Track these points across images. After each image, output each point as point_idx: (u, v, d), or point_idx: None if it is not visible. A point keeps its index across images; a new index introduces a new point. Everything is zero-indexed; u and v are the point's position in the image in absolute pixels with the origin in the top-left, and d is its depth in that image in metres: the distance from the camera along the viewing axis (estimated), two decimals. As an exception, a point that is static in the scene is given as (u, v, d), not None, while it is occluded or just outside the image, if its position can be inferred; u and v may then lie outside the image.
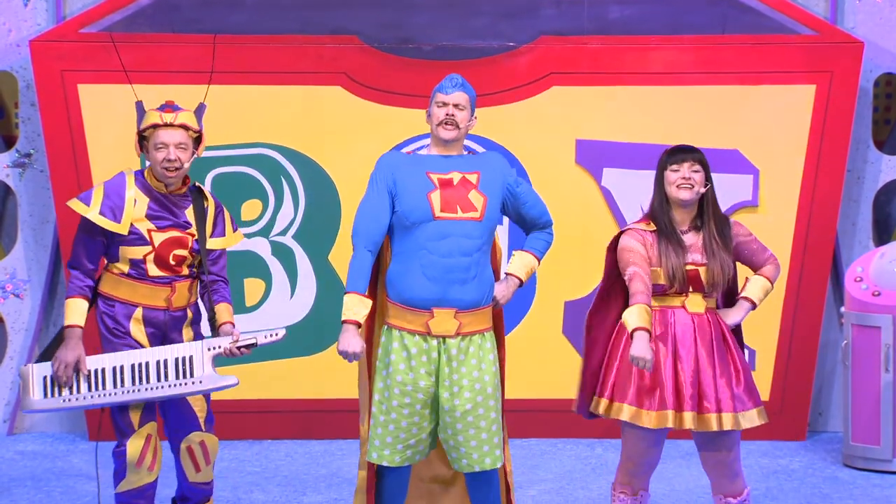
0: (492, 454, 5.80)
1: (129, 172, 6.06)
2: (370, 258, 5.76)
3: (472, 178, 5.84)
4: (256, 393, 8.61)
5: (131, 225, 5.94)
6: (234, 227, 6.23)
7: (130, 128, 6.12)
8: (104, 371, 5.92)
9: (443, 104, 5.83)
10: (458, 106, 5.82)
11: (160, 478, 6.13)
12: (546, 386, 8.73)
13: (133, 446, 5.96)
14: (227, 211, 6.21)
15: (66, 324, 5.95)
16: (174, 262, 6.01)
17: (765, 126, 8.72)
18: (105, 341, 6.01)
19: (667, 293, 5.90)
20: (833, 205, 8.70)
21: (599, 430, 8.06)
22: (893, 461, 7.93)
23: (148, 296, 5.99)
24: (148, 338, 6.00)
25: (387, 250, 5.92)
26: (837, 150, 8.68)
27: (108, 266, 6.04)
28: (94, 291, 6.03)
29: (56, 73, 8.56)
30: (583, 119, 8.76)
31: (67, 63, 8.56)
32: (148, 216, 5.97)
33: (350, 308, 5.71)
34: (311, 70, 8.70)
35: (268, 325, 8.62)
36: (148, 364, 5.92)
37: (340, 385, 8.18)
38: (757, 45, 8.72)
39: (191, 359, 5.94)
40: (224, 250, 6.18)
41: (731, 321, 6.01)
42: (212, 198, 6.16)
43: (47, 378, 5.93)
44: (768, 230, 8.06)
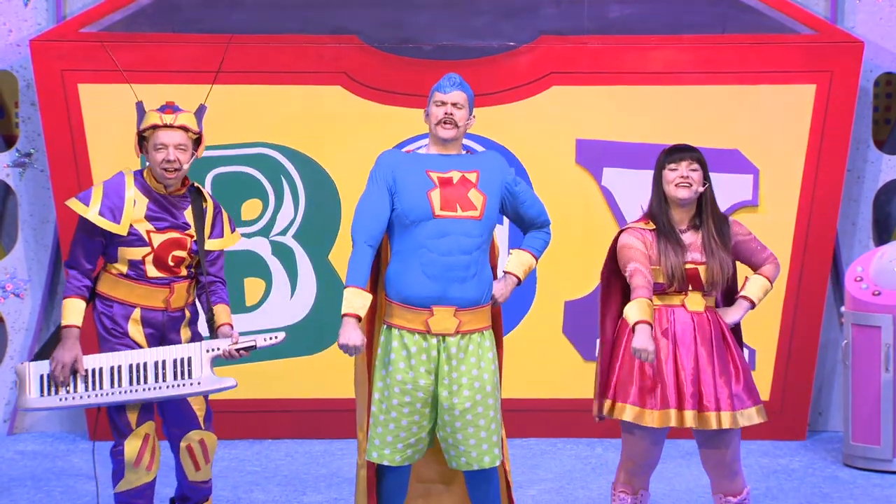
0: (490, 452, 5.80)
1: (128, 172, 6.05)
2: (370, 253, 5.75)
3: (472, 176, 5.84)
4: (256, 392, 8.61)
5: (130, 226, 5.93)
6: (233, 227, 6.22)
7: (131, 128, 6.12)
8: (101, 371, 5.91)
9: (441, 103, 5.83)
10: (456, 105, 5.82)
11: (159, 477, 6.13)
12: (546, 386, 8.74)
13: (131, 446, 5.95)
14: (225, 212, 6.20)
15: (64, 324, 5.94)
16: (173, 264, 6.00)
17: (765, 126, 8.72)
18: (103, 341, 6.00)
19: (666, 292, 5.90)
20: (833, 204, 8.70)
21: (599, 429, 8.05)
22: (893, 461, 7.92)
23: (146, 296, 5.99)
24: (146, 338, 6.00)
25: (386, 250, 5.92)
26: (837, 150, 8.67)
27: (106, 266, 6.03)
28: (91, 291, 6.03)
29: (56, 72, 8.56)
30: (583, 119, 8.76)
31: (68, 63, 8.56)
32: (147, 217, 5.97)
33: (350, 302, 5.69)
34: (311, 70, 8.70)
35: (268, 324, 8.63)
36: (146, 364, 5.91)
37: (340, 385, 8.14)
38: (757, 44, 8.71)
39: (189, 360, 5.94)
40: (222, 251, 6.18)
41: (731, 320, 6.01)
42: (210, 199, 6.15)
43: (44, 377, 5.93)
44: (768, 230, 8.05)
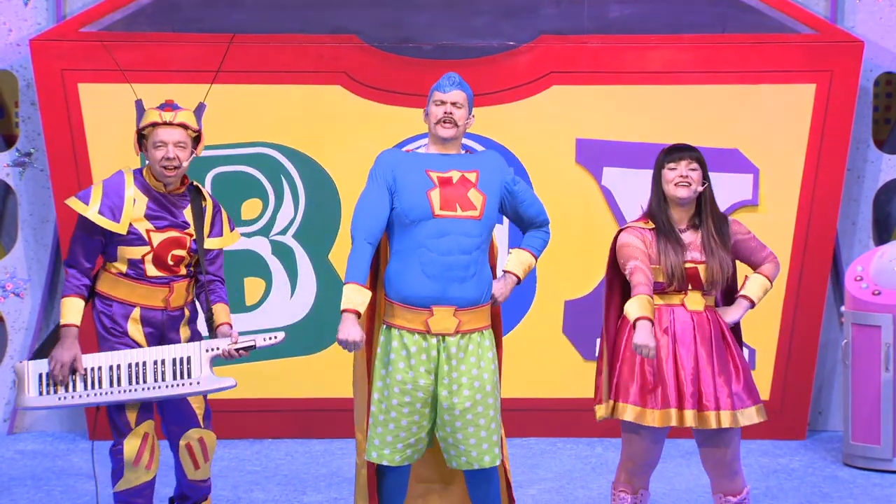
0: (491, 452, 5.80)
1: (127, 171, 6.05)
2: (370, 250, 5.73)
3: (472, 176, 5.84)
4: (256, 392, 8.61)
5: (130, 225, 5.93)
6: (232, 226, 6.22)
7: (131, 127, 6.11)
8: (101, 370, 5.91)
9: (441, 102, 5.83)
10: (455, 104, 5.82)
11: (159, 477, 6.12)
12: (546, 385, 8.73)
13: (130, 445, 5.95)
14: (224, 210, 6.20)
15: (62, 322, 5.93)
16: (172, 263, 6.00)
17: (765, 125, 8.72)
18: (102, 341, 6.00)
19: (666, 291, 5.90)
20: (833, 204, 8.70)
21: (599, 429, 8.05)
22: (893, 460, 7.92)
23: (146, 296, 5.98)
24: (146, 337, 5.99)
25: (385, 250, 5.92)
26: (837, 150, 8.67)
27: (105, 265, 6.02)
28: (90, 290, 6.02)
29: (56, 72, 8.56)
30: (583, 118, 8.76)
31: (68, 62, 8.56)
32: (147, 216, 5.96)
33: (349, 298, 5.67)
34: (311, 69, 8.70)
35: (268, 324, 8.63)
36: (145, 364, 5.91)
37: (340, 384, 8.13)
38: (757, 44, 8.71)
39: (188, 360, 5.93)
40: (221, 250, 6.17)
41: (730, 319, 6.01)
42: (210, 197, 6.14)
43: (43, 375, 5.92)
44: (768, 229, 8.05)
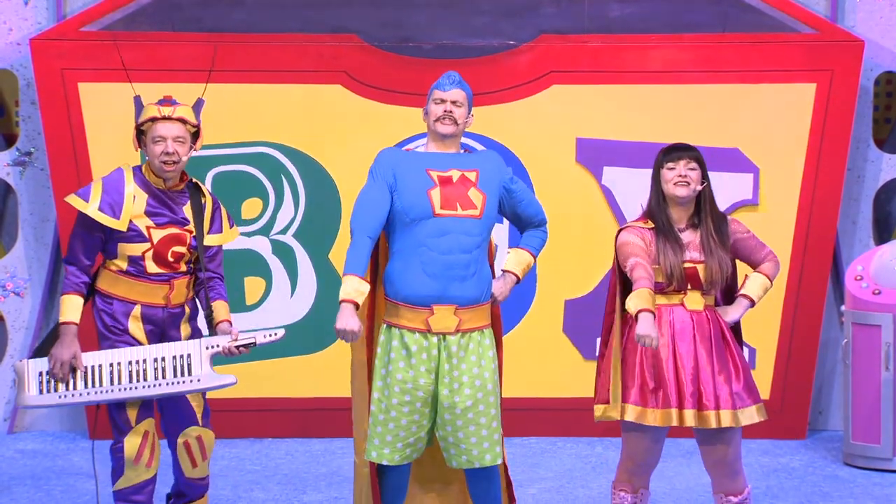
0: (492, 450, 5.79)
1: (127, 168, 6.05)
2: (370, 244, 5.71)
3: (472, 175, 5.84)
4: (256, 391, 8.61)
5: (130, 221, 5.93)
6: (231, 223, 6.22)
7: (131, 126, 6.09)
8: (101, 368, 5.91)
9: (440, 101, 5.83)
10: (455, 103, 5.82)
11: (158, 475, 6.11)
12: (546, 385, 8.73)
13: (130, 443, 5.94)
14: (223, 207, 6.20)
15: (62, 320, 5.92)
16: (172, 259, 5.99)
17: (765, 125, 8.72)
18: (103, 339, 5.99)
19: (665, 291, 5.90)
20: (833, 203, 8.69)
21: (600, 428, 8.04)
22: (893, 460, 7.92)
23: (146, 293, 5.98)
24: (146, 335, 5.99)
25: (384, 249, 5.91)
26: (838, 149, 8.67)
27: (105, 263, 6.02)
28: (90, 288, 6.02)
29: (56, 71, 8.56)
30: (583, 117, 8.76)
31: (68, 61, 8.56)
32: (147, 213, 5.96)
33: (348, 289, 5.65)
34: (311, 69, 8.70)
35: (268, 323, 8.62)
36: (145, 362, 5.91)
37: (340, 384, 8.11)
38: (757, 43, 8.71)
39: (189, 357, 5.93)
40: (221, 247, 6.17)
41: (730, 319, 6.01)
42: (209, 194, 6.14)
43: (43, 374, 5.92)
44: (769, 229, 8.05)
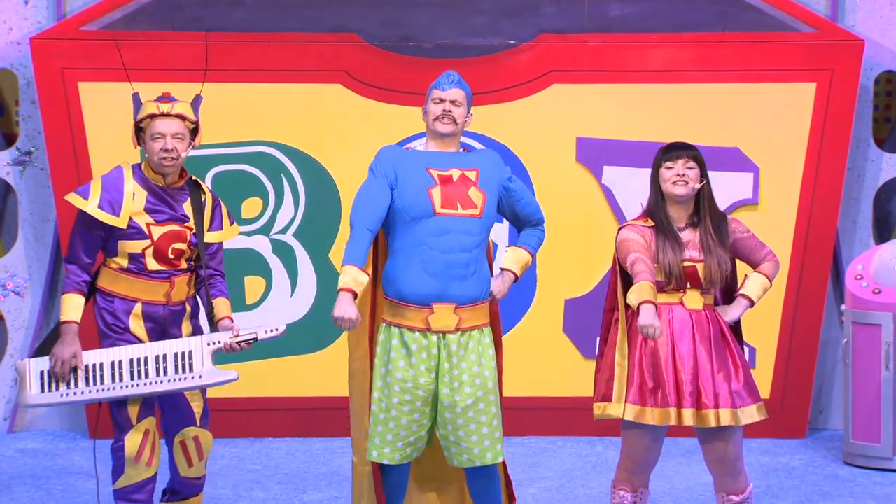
0: (493, 449, 5.80)
1: (126, 166, 6.05)
2: (369, 237, 5.70)
3: (472, 175, 5.85)
4: (257, 391, 8.61)
5: (130, 219, 5.92)
6: (232, 220, 6.21)
7: (131, 125, 6.07)
8: (102, 366, 5.91)
9: (440, 101, 5.83)
10: (454, 102, 5.82)
11: (159, 474, 6.11)
12: (546, 384, 8.73)
13: (131, 441, 5.94)
14: (224, 205, 6.20)
15: (63, 319, 5.92)
16: (173, 256, 5.99)
17: (765, 124, 8.71)
18: (104, 337, 5.99)
19: (664, 290, 5.90)
20: (833, 203, 8.69)
21: (600, 427, 8.03)
22: (894, 459, 7.92)
23: (147, 291, 5.98)
24: (147, 333, 5.98)
25: (383, 248, 5.91)
26: (838, 148, 8.67)
27: (105, 261, 6.02)
28: (90, 287, 6.02)
29: (56, 70, 8.56)
30: (583, 117, 8.76)
31: (68, 61, 8.56)
32: (146, 210, 5.96)
33: (347, 278, 5.62)
34: (311, 68, 8.70)
35: (268, 323, 8.60)
36: (147, 359, 5.90)
37: (341, 383, 8.09)
38: (757, 42, 8.71)
39: (190, 354, 5.93)
40: (221, 244, 6.17)
41: (730, 318, 6.01)
42: (209, 191, 6.15)
43: (44, 373, 5.91)
44: (769, 228, 8.05)
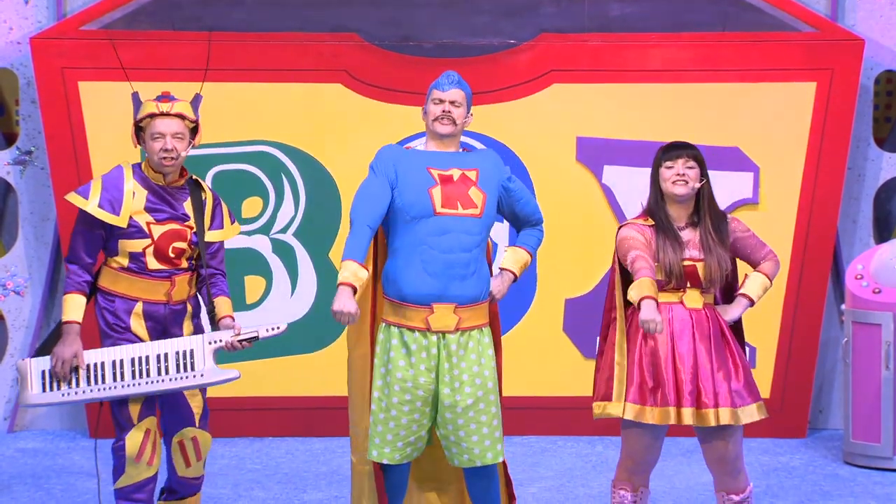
0: (493, 448, 5.80)
1: (126, 165, 6.05)
2: (369, 233, 5.69)
3: (472, 174, 5.85)
4: (257, 390, 8.60)
5: (130, 217, 5.93)
6: (233, 219, 6.21)
7: (131, 124, 6.08)
8: (104, 365, 5.91)
9: (439, 101, 5.83)
10: (454, 103, 5.83)
11: (159, 473, 6.12)
12: (546, 383, 8.73)
13: (132, 440, 5.93)
14: (224, 203, 6.20)
15: (64, 319, 5.92)
16: (173, 255, 5.99)
17: (765, 123, 8.71)
18: (105, 337, 5.98)
19: (664, 289, 5.90)
20: (833, 202, 8.69)
21: (600, 427, 8.03)
22: (894, 458, 7.91)
23: (147, 290, 5.98)
24: (148, 332, 5.98)
25: (382, 248, 5.91)
26: (838, 148, 8.67)
27: (106, 261, 6.02)
28: (92, 286, 6.02)
29: (56, 70, 8.56)
30: (583, 116, 8.76)
31: (68, 60, 8.56)
32: (146, 209, 5.96)
33: (346, 273, 5.60)
34: (311, 67, 8.70)
35: (268, 322, 8.61)
36: (148, 358, 5.90)
37: (341, 382, 8.09)
38: (757, 42, 8.71)
39: (192, 352, 5.93)
40: (222, 243, 6.17)
41: (729, 318, 6.01)
42: (210, 191, 6.15)
43: (46, 372, 5.91)
44: (769, 228, 8.04)
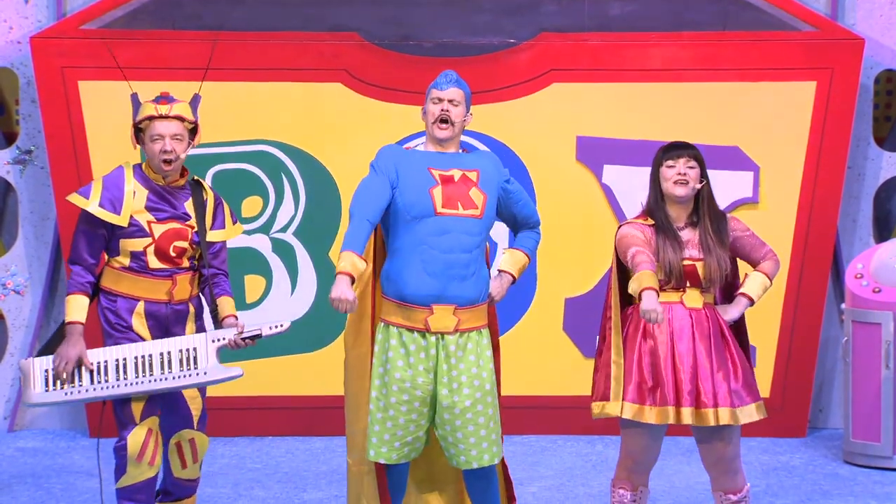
0: (490, 450, 5.79)
1: (127, 165, 6.05)
2: (369, 227, 5.66)
3: (472, 175, 5.85)
4: (257, 390, 8.61)
5: (131, 217, 5.93)
6: (234, 219, 6.22)
7: (131, 124, 6.10)
8: (107, 363, 5.91)
9: (438, 100, 5.83)
10: (453, 102, 5.82)
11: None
12: (546, 383, 8.73)
13: (134, 440, 5.93)
14: (226, 203, 6.21)
15: (68, 320, 5.93)
16: (174, 254, 5.99)
17: (765, 123, 8.72)
18: (107, 336, 5.99)
19: (664, 289, 5.90)
20: (833, 201, 8.70)
21: (600, 426, 8.02)
22: (894, 458, 7.92)
23: (149, 289, 5.98)
24: (150, 332, 5.98)
25: (381, 248, 5.90)
26: (838, 147, 8.67)
27: (108, 260, 6.02)
28: (94, 287, 6.02)
29: (56, 69, 8.56)
30: (583, 116, 8.76)
31: (68, 60, 8.57)
32: (147, 208, 5.97)
33: (345, 263, 5.57)
34: (311, 67, 8.70)
35: (270, 321, 8.62)
36: (151, 356, 5.91)
37: (341, 382, 8.15)
38: (757, 41, 8.72)
39: (195, 350, 5.93)
40: (224, 243, 6.17)
41: (729, 317, 6.01)
42: (211, 190, 6.16)
43: (49, 371, 5.91)
44: (769, 227, 8.03)
